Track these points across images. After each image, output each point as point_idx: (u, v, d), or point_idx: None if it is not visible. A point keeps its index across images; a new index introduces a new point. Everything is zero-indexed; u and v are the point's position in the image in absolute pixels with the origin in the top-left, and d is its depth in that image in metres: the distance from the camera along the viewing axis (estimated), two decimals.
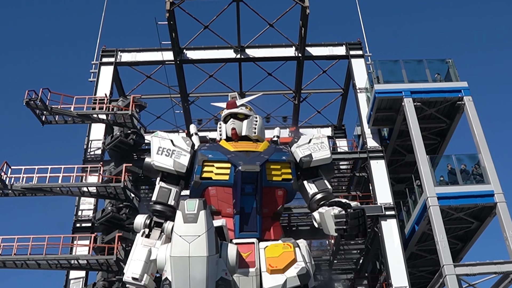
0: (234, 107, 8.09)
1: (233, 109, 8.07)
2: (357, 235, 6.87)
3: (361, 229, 6.86)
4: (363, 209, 6.95)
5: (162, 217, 7.27)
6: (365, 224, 6.92)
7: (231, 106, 8.10)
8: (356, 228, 6.82)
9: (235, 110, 8.06)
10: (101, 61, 27.65)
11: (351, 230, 6.81)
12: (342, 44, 28.60)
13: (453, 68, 24.53)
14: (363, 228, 6.87)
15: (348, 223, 6.81)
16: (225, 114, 8.10)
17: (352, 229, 6.81)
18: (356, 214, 6.83)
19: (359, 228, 6.83)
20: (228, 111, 8.08)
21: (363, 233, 6.93)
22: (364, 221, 6.89)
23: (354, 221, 6.81)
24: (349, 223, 6.80)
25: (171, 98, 29.53)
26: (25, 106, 21.96)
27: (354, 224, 6.81)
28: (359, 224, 6.83)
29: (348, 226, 6.81)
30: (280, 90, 29.30)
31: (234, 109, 8.07)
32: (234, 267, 6.38)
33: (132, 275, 6.81)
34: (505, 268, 19.60)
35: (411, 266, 23.92)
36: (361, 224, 6.84)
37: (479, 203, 21.09)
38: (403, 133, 24.81)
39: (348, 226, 6.81)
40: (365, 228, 6.92)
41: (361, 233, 6.91)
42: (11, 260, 19.91)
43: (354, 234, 6.85)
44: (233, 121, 7.95)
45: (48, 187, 21.17)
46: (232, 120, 7.97)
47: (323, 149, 7.88)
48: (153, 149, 7.57)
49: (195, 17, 25.43)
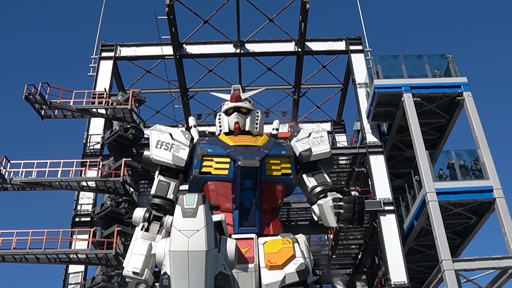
0: (239, 100, 7.95)
1: (238, 102, 7.95)
2: (352, 221, 6.80)
3: (356, 215, 6.81)
4: (362, 197, 6.92)
5: (161, 210, 7.25)
6: (362, 213, 6.87)
7: (237, 99, 7.94)
8: (350, 213, 6.77)
9: (240, 104, 7.95)
10: (100, 55, 27.63)
11: (346, 214, 6.78)
12: (342, 39, 28.59)
13: (453, 63, 24.54)
14: (358, 215, 6.83)
15: (342, 206, 6.81)
16: (229, 107, 7.95)
17: (346, 213, 6.79)
18: (351, 199, 6.82)
19: (353, 214, 6.79)
20: (233, 105, 7.94)
21: (359, 220, 6.85)
22: (361, 209, 6.84)
23: (349, 205, 6.79)
24: (343, 207, 6.79)
25: (171, 93, 29.55)
26: (24, 101, 21.96)
27: (349, 208, 6.79)
28: (355, 210, 6.80)
29: (342, 210, 6.80)
30: (280, 85, 29.31)
31: (239, 102, 7.96)
32: (233, 262, 6.38)
33: (133, 269, 6.80)
34: (504, 264, 19.66)
35: (410, 261, 23.98)
36: (357, 211, 6.81)
37: (478, 198, 21.14)
38: (403, 128, 24.83)
39: (342, 209, 6.80)
40: (361, 216, 6.87)
41: (357, 220, 6.83)
42: (10, 254, 19.95)
43: (349, 218, 6.79)
44: (237, 115, 7.83)
45: (47, 182, 21.17)
46: (236, 114, 7.85)
47: (322, 143, 7.84)
48: (152, 143, 7.52)
49: (194, 11, 25.43)
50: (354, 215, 6.80)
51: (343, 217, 6.82)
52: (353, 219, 6.81)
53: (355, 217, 6.81)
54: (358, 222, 6.88)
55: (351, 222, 6.83)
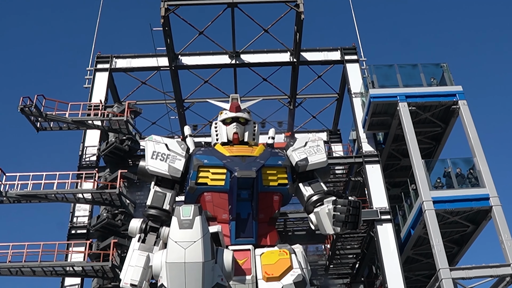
0: (239, 110, 7.92)
1: (238, 112, 7.92)
2: (346, 223, 6.71)
3: (350, 219, 6.75)
4: (358, 202, 6.89)
5: (157, 221, 7.23)
6: (358, 217, 6.78)
7: (237, 109, 7.89)
8: (344, 214, 6.71)
9: (240, 114, 7.92)
10: (96, 67, 27.66)
11: (339, 216, 6.73)
12: (337, 49, 28.72)
13: (448, 72, 24.65)
14: (353, 219, 6.75)
15: (337, 208, 6.79)
16: (229, 116, 7.90)
17: (340, 214, 6.73)
18: (345, 202, 6.78)
19: (348, 217, 6.75)
20: (233, 115, 7.88)
21: (353, 225, 6.78)
22: (356, 214, 6.76)
23: (343, 208, 6.76)
24: (337, 209, 6.77)
25: (166, 104, 29.55)
26: (19, 113, 21.92)
27: (343, 210, 6.74)
28: (349, 213, 6.76)
29: (337, 212, 6.78)
30: (275, 95, 29.35)
31: (239, 113, 7.93)
32: (230, 273, 6.35)
33: (131, 281, 6.76)
34: (501, 272, 19.65)
35: (407, 270, 23.95)
36: (351, 214, 6.77)
37: (474, 206, 21.16)
38: (398, 137, 24.87)
39: (337, 211, 6.78)
40: (356, 221, 6.77)
41: (351, 224, 6.76)
42: (5, 268, 19.83)
43: (342, 220, 6.71)
44: (236, 125, 7.80)
45: (43, 194, 21.11)
46: (235, 124, 7.81)
47: (319, 152, 7.82)
48: (148, 153, 7.49)
49: (190, 23, 25.47)
50: (349, 218, 6.75)
51: (337, 219, 6.77)
52: (347, 222, 6.73)
53: (349, 220, 6.74)
54: (353, 226, 6.79)
55: (345, 225, 6.76)
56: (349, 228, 6.81)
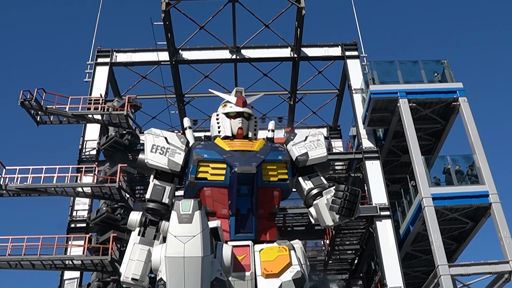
0: (246, 105, 7.85)
1: (244, 107, 7.82)
2: (342, 209, 6.75)
3: (346, 205, 6.76)
4: (358, 190, 6.90)
5: (156, 215, 7.22)
6: (354, 205, 6.80)
7: (243, 104, 7.82)
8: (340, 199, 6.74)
9: (246, 109, 7.83)
10: (96, 61, 27.61)
11: (335, 201, 6.78)
12: (338, 44, 28.65)
13: (448, 69, 24.60)
14: (350, 205, 6.77)
15: (334, 194, 6.85)
16: (234, 110, 7.80)
17: (336, 199, 6.78)
18: (341, 187, 6.83)
19: (343, 202, 6.75)
20: (239, 109, 7.78)
21: (349, 211, 6.81)
22: (353, 201, 6.78)
23: (340, 193, 6.80)
24: (335, 195, 6.82)
25: (167, 99, 29.52)
26: (20, 106, 21.89)
27: (340, 195, 6.78)
28: (346, 199, 6.75)
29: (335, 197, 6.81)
30: (276, 91, 29.30)
31: (245, 108, 7.83)
32: (229, 267, 6.35)
33: (133, 275, 6.75)
34: (500, 268, 19.67)
35: (406, 266, 23.96)
36: (347, 200, 6.76)
37: (474, 203, 21.16)
38: (398, 133, 24.85)
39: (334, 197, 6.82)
40: (352, 208, 6.80)
41: (347, 210, 6.79)
42: (5, 261, 19.83)
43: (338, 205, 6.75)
44: (242, 120, 7.72)
45: (42, 188, 21.10)
46: (241, 119, 7.72)
47: (319, 147, 7.79)
48: (147, 147, 7.44)
49: (190, 17, 25.42)
50: (345, 204, 6.76)
51: (334, 204, 6.80)
52: (343, 208, 6.75)
53: (345, 206, 6.76)
54: (349, 213, 6.81)
55: (341, 211, 6.77)
56: (345, 214, 6.81)
